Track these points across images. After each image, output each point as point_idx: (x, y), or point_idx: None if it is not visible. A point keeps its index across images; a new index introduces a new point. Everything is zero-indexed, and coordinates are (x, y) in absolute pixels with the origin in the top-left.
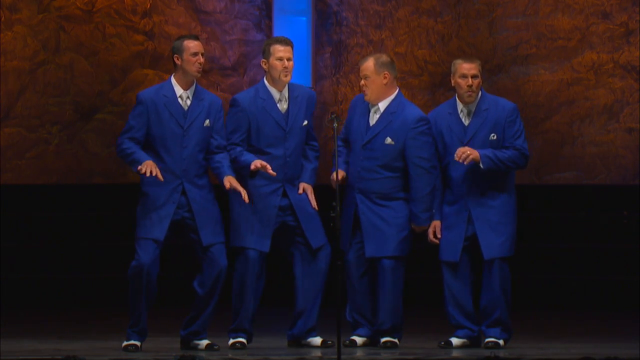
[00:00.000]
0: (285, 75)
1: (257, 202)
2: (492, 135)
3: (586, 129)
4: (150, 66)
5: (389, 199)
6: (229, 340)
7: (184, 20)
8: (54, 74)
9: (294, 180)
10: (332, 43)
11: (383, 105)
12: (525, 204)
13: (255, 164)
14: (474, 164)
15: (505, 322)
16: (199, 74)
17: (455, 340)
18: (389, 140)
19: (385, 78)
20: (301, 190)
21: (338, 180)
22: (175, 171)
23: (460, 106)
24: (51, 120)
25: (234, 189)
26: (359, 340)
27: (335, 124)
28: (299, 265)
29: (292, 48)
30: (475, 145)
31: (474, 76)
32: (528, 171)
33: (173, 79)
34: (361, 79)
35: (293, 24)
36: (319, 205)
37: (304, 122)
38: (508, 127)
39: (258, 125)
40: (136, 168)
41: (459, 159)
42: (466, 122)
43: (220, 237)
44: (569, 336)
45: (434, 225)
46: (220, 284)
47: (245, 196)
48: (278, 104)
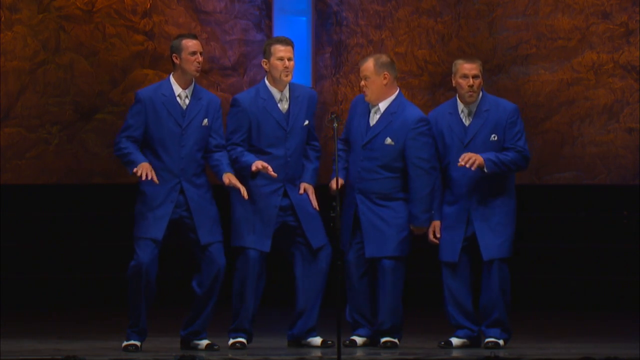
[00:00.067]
0: (286, 75)
1: (258, 202)
2: (493, 136)
3: (586, 129)
4: (150, 66)
5: (389, 199)
6: (229, 340)
7: (184, 20)
8: (54, 74)
9: (295, 181)
10: (332, 43)
11: (383, 106)
12: (525, 204)
13: (256, 165)
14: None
15: (505, 323)
16: (198, 73)
17: (455, 340)
18: (389, 140)
19: (385, 78)
20: (302, 190)
21: (338, 188)
22: (173, 170)
23: (461, 106)
24: (51, 120)
25: (233, 186)
26: (359, 340)
27: (335, 124)
28: (299, 266)
29: (293, 48)
30: (476, 145)
31: (475, 76)
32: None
33: (172, 77)
34: (361, 79)
35: (293, 24)
36: (319, 206)
37: (305, 122)
38: (509, 129)
39: (259, 125)
40: (132, 170)
41: (466, 164)
42: (467, 123)
43: (218, 237)
44: (569, 336)
45: (434, 225)
46: (219, 283)
47: (244, 193)
48: (279, 104)
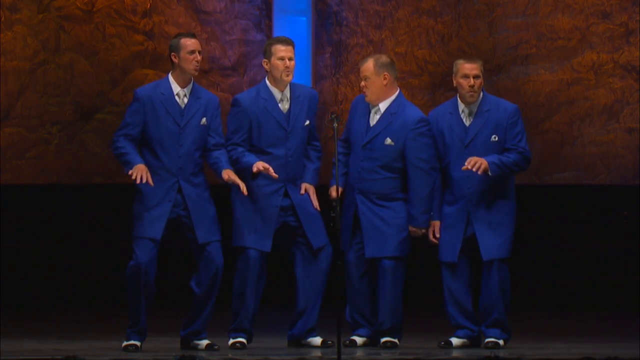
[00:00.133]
0: (287, 75)
1: (259, 202)
2: (494, 136)
3: (586, 129)
4: (150, 66)
5: (388, 199)
6: (229, 340)
7: (184, 20)
8: (54, 74)
9: (296, 181)
10: (332, 43)
11: (383, 106)
12: (525, 204)
13: (257, 167)
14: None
15: (504, 323)
16: (196, 72)
17: (455, 340)
18: (388, 140)
19: (385, 79)
20: (303, 190)
21: (338, 196)
22: (171, 169)
23: (462, 106)
24: (51, 120)
25: (233, 182)
26: (359, 340)
27: (335, 124)
28: (300, 266)
29: (294, 48)
30: (477, 146)
31: (475, 76)
32: (528, 171)
33: (170, 76)
34: (361, 79)
35: (293, 24)
36: (320, 206)
37: (305, 122)
38: (509, 129)
39: (259, 125)
40: (127, 170)
41: (472, 168)
42: (467, 123)
43: (216, 236)
44: (569, 336)
45: (433, 225)
46: (217, 282)
47: (243, 189)
48: (279, 104)
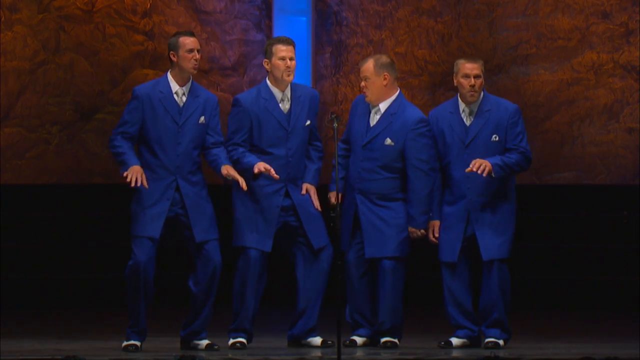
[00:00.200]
0: (288, 74)
1: (260, 202)
2: (494, 136)
3: (586, 129)
4: (150, 66)
5: (388, 199)
6: (229, 340)
7: (184, 20)
8: (54, 74)
9: (297, 181)
10: (332, 43)
11: (384, 106)
12: (525, 204)
13: (258, 168)
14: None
15: (504, 323)
16: (195, 71)
17: (455, 340)
18: (388, 141)
19: (385, 79)
20: (304, 191)
21: (338, 201)
22: (169, 167)
23: (462, 106)
24: (51, 120)
25: (232, 177)
26: (359, 340)
27: (335, 124)
28: (300, 266)
29: (294, 48)
30: (477, 146)
31: (476, 76)
32: (528, 171)
33: (169, 75)
34: (361, 80)
35: (293, 24)
36: (320, 206)
37: (306, 122)
38: (510, 129)
39: (260, 125)
40: (122, 172)
41: (477, 171)
42: (468, 123)
43: (214, 234)
44: (569, 336)
45: (433, 224)
46: (215, 281)
47: (243, 184)
48: (280, 104)
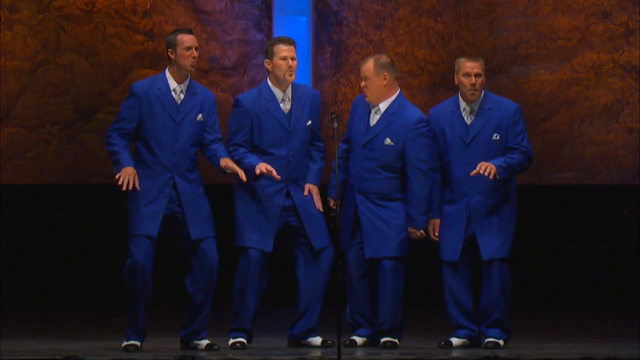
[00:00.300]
0: (290, 74)
1: (261, 202)
2: (495, 135)
3: (586, 129)
4: (150, 66)
5: (388, 199)
6: (229, 340)
7: (184, 20)
8: (54, 74)
9: (298, 181)
10: (332, 43)
11: (384, 106)
12: (525, 204)
13: (260, 169)
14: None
15: (504, 323)
16: (193, 68)
17: (455, 340)
18: (388, 141)
19: (385, 79)
20: (306, 191)
21: (338, 201)
22: (166, 164)
23: (463, 104)
24: (51, 120)
25: (231, 169)
26: (359, 340)
27: (335, 124)
28: (301, 266)
29: (295, 47)
30: (478, 145)
31: (477, 75)
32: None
33: (167, 72)
34: (361, 80)
35: (293, 24)
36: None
37: (307, 122)
38: (511, 128)
39: (261, 125)
40: (115, 173)
41: (484, 173)
42: (469, 121)
43: (210, 232)
44: (569, 336)
45: (433, 223)
46: (213, 280)
47: (242, 176)
48: (281, 104)
